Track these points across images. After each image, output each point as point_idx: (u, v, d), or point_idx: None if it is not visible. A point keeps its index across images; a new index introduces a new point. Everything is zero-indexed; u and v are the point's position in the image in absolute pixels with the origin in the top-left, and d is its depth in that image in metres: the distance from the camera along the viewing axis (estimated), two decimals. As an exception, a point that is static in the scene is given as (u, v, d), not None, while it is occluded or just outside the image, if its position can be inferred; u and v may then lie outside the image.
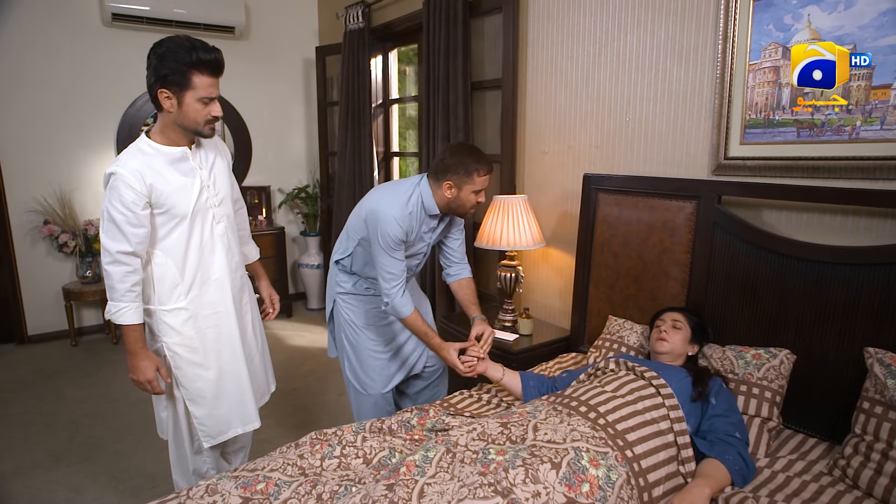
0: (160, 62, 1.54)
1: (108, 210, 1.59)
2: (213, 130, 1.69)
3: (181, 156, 1.68)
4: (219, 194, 1.79)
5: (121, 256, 1.59)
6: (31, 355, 3.73)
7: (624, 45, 2.27)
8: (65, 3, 3.72)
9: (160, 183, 1.63)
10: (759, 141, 1.87)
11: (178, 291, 1.72)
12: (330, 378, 3.37)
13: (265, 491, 1.35)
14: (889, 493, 1.35)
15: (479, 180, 1.86)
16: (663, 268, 2.09)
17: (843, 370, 1.64)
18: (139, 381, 1.68)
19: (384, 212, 1.85)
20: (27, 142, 3.73)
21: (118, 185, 1.57)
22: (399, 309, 1.91)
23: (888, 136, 1.58)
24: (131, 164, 1.60)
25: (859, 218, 1.67)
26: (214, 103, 1.62)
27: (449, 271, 2.16)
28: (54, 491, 2.26)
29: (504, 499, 1.17)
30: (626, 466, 1.33)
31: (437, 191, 1.90)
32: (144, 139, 1.67)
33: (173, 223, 1.68)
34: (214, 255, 1.77)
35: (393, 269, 1.89)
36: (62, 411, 2.93)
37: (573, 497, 1.22)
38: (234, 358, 1.84)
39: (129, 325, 1.63)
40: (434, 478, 1.28)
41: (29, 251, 3.85)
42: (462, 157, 1.84)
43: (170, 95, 1.57)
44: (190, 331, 1.74)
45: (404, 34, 3.78)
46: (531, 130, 2.76)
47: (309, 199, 4.65)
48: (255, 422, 1.89)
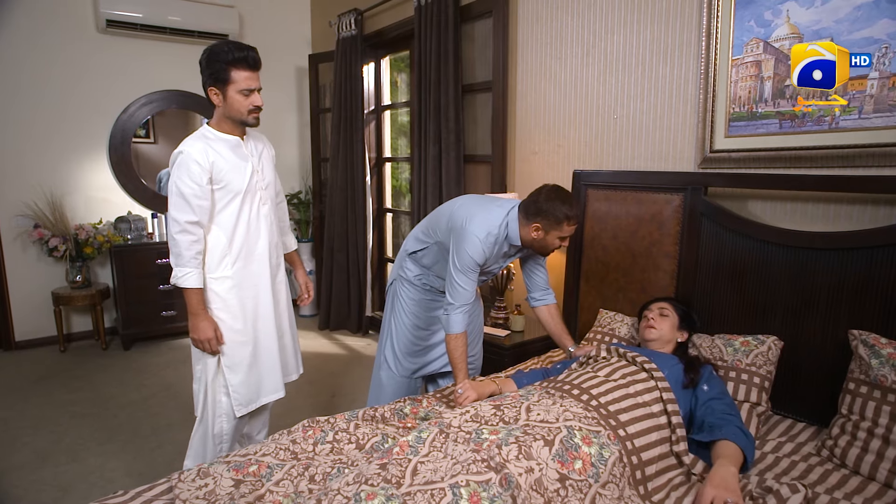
0: (207, 65, 1.79)
1: (177, 185, 1.78)
2: (257, 119, 1.87)
3: (236, 143, 1.90)
4: (265, 179, 1.99)
5: (188, 226, 1.78)
6: (18, 361, 3.69)
7: (611, 45, 2.33)
8: (60, 9, 3.75)
9: (220, 161, 1.83)
10: (742, 133, 1.92)
11: (225, 261, 1.89)
12: (322, 381, 3.36)
13: (257, 473, 1.35)
14: (875, 470, 1.37)
15: (568, 229, 1.84)
16: (653, 260, 2.12)
17: (829, 354, 1.67)
18: (200, 339, 1.83)
19: (472, 232, 1.84)
20: (19, 145, 3.73)
21: (187, 162, 1.77)
22: (452, 324, 1.88)
23: (865, 124, 1.63)
24: (197, 144, 1.81)
25: (840, 205, 1.72)
26: (254, 94, 1.82)
27: (534, 295, 2.12)
28: (42, 490, 2.23)
29: (497, 474, 1.18)
30: (618, 445, 1.35)
31: (525, 227, 1.87)
32: (206, 127, 1.89)
33: (228, 198, 1.87)
34: (259, 233, 1.96)
35: (464, 287, 1.87)
36: (50, 414, 2.89)
37: (566, 473, 1.24)
38: (267, 329, 1.99)
39: (192, 289, 1.81)
40: (427, 457, 1.28)
41: (19, 255, 3.82)
42: (556, 204, 1.81)
43: (217, 92, 1.81)
44: (233, 299, 1.91)
45: (396, 41, 3.84)
46: (521, 131, 2.81)
47: (301, 205, 4.66)
48: (281, 391, 2.05)
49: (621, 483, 1.31)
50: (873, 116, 1.61)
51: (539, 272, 2.10)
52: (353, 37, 3.85)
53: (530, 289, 2.12)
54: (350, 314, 4.20)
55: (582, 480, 1.25)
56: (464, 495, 1.13)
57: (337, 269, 4.17)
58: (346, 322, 4.24)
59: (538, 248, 1.91)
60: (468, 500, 1.13)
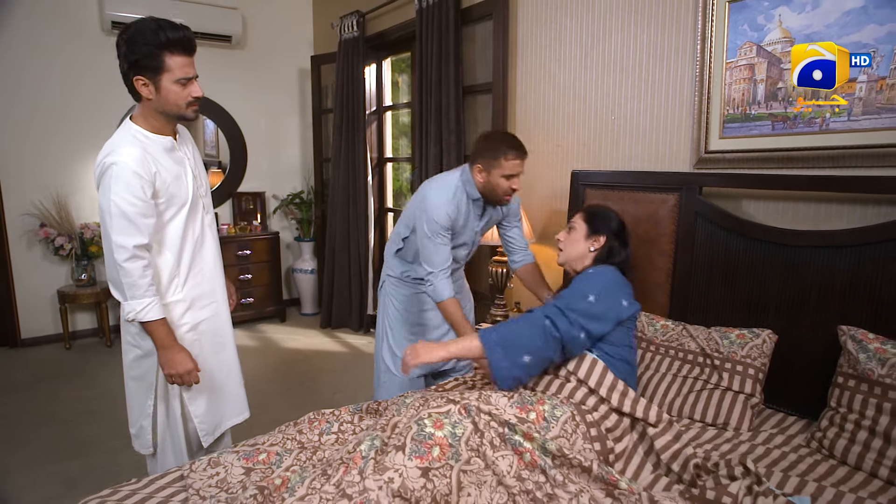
0: (129, 48, 1.48)
1: (117, 203, 1.48)
2: (196, 113, 1.62)
3: (171, 145, 1.63)
4: (204, 185, 1.77)
5: (138, 251, 1.52)
6: (24, 358, 3.74)
7: (609, 47, 2.38)
8: (64, 10, 3.80)
9: (162, 171, 1.57)
10: (736, 135, 1.97)
11: (175, 283, 1.68)
12: (324, 378, 3.41)
13: (266, 461, 1.40)
14: (861, 460, 1.42)
15: (508, 164, 1.86)
16: (649, 258, 2.17)
17: (819, 350, 1.72)
18: (178, 373, 1.59)
19: (431, 199, 1.92)
20: (25, 146, 3.78)
21: (124, 174, 1.48)
22: (439, 292, 1.90)
23: (854, 126, 1.68)
24: (132, 151, 1.51)
25: (830, 205, 1.77)
26: (193, 83, 1.56)
27: (514, 258, 2.19)
28: (51, 484, 2.28)
29: (455, 406, 1.33)
30: (570, 407, 1.45)
31: (473, 174, 1.95)
32: (134, 126, 1.58)
33: (171, 213, 1.62)
34: (205, 246, 1.75)
35: (436, 251, 1.90)
36: (57, 411, 2.94)
37: (524, 417, 1.38)
38: (229, 348, 1.86)
39: (156, 321, 1.56)
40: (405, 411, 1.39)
41: (25, 254, 3.87)
42: (492, 142, 1.90)
43: (146, 82, 1.51)
44: (188, 322, 1.72)
45: (398, 42, 3.89)
46: (521, 131, 2.86)
47: (303, 204, 4.71)
48: (246, 412, 1.94)
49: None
50: (862, 119, 1.66)
51: (514, 233, 2.17)
52: (355, 38, 3.90)
53: (510, 252, 2.19)
54: (351, 312, 4.25)
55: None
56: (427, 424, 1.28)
57: (338, 268, 4.22)
58: (347, 320, 4.29)
59: (489, 193, 1.95)
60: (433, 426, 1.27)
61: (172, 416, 1.74)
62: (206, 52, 1.64)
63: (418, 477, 1.18)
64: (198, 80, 1.59)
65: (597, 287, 1.58)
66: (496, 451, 1.28)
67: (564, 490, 1.21)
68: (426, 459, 1.21)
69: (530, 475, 1.24)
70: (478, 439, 1.29)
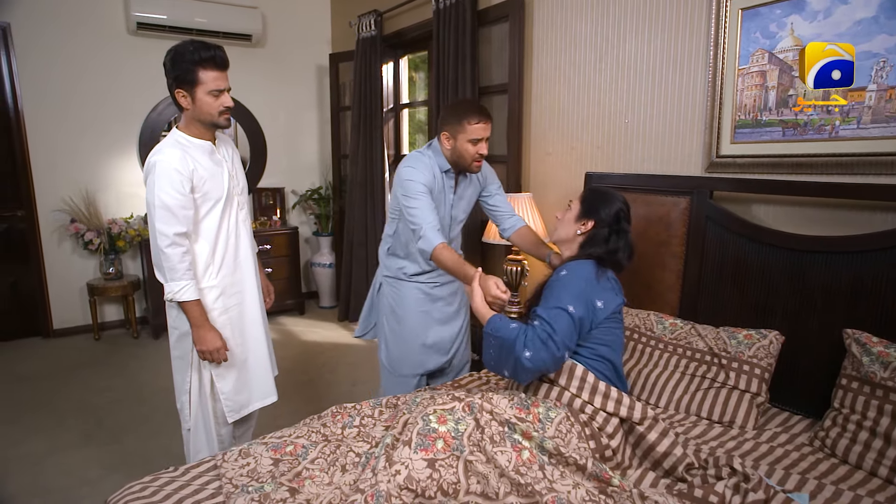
0: (172, 66, 1.74)
1: (160, 196, 1.72)
2: (228, 121, 1.85)
3: (210, 149, 1.87)
4: (240, 184, 1.98)
5: (178, 238, 1.75)
6: (56, 348, 3.90)
7: (623, 52, 2.41)
8: (92, 14, 3.92)
9: (199, 168, 1.80)
10: (747, 140, 2.01)
11: (209, 271, 1.89)
12: (343, 370, 3.51)
13: (293, 452, 1.49)
14: (862, 459, 1.48)
15: (472, 128, 1.91)
16: (660, 259, 2.22)
17: (825, 352, 1.77)
18: (209, 349, 1.81)
19: (404, 170, 1.99)
20: (56, 145, 3.92)
21: (168, 171, 1.73)
22: (427, 242, 1.85)
23: (864, 134, 1.71)
24: (174, 151, 1.76)
25: (839, 210, 1.80)
26: (224, 95, 1.79)
27: (504, 225, 2.18)
28: (88, 468, 2.41)
29: (460, 403, 1.43)
30: (564, 409, 1.52)
31: (442, 145, 2.01)
32: (178, 132, 1.84)
33: (208, 206, 1.85)
34: (240, 238, 1.96)
35: (421, 209, 1.88)
36: (90, 399, 3.08)
37: (523, 416, 1.45)
38: (257, 335, 2.02)
39: (192, 301, 1.78)
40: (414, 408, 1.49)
41: (56, 249, 4.03)
42: (456, 108, 1.97)
43: (185, 94, 1.76)
44: (219, 307, 1.91)
45: (415, 41, 3.94)
46: (536, 132, 2.91)
47: (321, 200, 4.81)
48: (273, 395, 2.08)
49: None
50: (871, 127, 1.69)
51: (497, 200, 2.19)
52: (373, 37, 3.97)
53: (498, 222, 2.22)
54: (368, 306, 4.35)
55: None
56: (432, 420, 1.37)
57: (356, 263, 4.31)
58: (364, 314, 4.39)
59: (458, 160, 1.99)
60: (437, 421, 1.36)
61: (203, 393, 1.93)
62: (227, 51, 1.76)
63: (424, 468, 1.27)
64: (230, 92, 1.81)
65: (571, 294, 1.52)
66: (495, 447, 1.35)
67: (562, 483, 1.30)
68: (431, 451, 1.30)
69: (528, 470, 1.32)
70: (479, 435, 1.37)
